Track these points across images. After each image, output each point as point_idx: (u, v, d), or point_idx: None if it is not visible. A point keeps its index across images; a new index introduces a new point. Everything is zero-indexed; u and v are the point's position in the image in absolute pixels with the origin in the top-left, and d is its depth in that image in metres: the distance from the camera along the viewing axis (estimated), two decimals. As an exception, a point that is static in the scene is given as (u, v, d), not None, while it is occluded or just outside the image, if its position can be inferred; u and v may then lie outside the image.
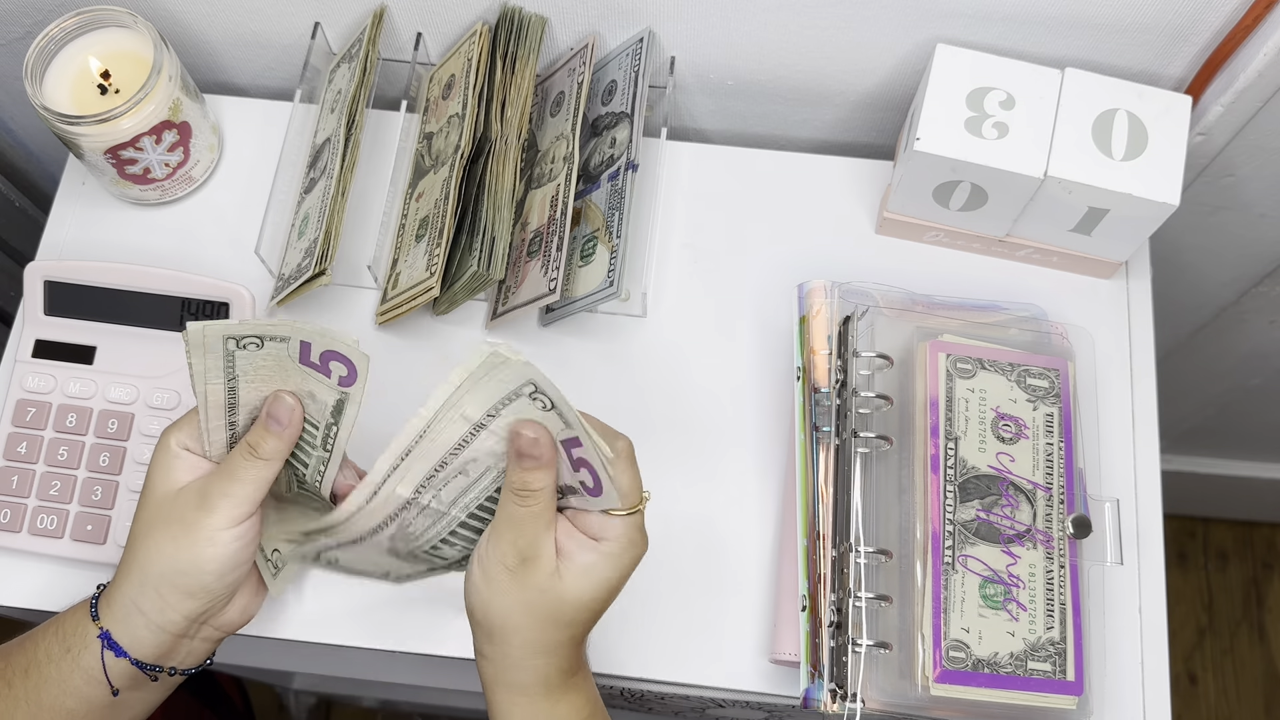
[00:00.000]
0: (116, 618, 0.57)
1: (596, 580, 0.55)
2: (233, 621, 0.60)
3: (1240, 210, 0.84)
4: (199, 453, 0.57)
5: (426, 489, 0.53)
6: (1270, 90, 0.69)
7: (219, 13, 0.77)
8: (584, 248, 0.71)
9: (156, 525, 0.56)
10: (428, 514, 0.55)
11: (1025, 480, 0.64)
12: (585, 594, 0.55)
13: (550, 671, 0.55)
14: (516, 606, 0.55)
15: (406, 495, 0.53)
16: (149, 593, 0.56)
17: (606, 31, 0.75)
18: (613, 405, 0.72)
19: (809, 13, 0.71)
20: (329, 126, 0.73)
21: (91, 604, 0.58)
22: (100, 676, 0.57)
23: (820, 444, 0.66)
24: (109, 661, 0.57)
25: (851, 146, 0.83)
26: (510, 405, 0.50)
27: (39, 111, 0.69)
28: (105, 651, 0.57)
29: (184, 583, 0.56)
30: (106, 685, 0.57)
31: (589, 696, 0.58)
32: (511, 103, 0.73)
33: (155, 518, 0.56)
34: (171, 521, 0.56)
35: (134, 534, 0.57)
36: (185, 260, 0.75)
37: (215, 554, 0.55)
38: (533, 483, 0.54)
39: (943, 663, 0.60)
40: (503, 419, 0.51)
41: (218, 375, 0.53)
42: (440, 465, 0.52)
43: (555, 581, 0.54)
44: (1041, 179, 0.66)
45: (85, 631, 0.57)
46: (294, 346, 0.52)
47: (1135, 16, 0.68)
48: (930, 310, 0.69)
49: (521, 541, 0.54)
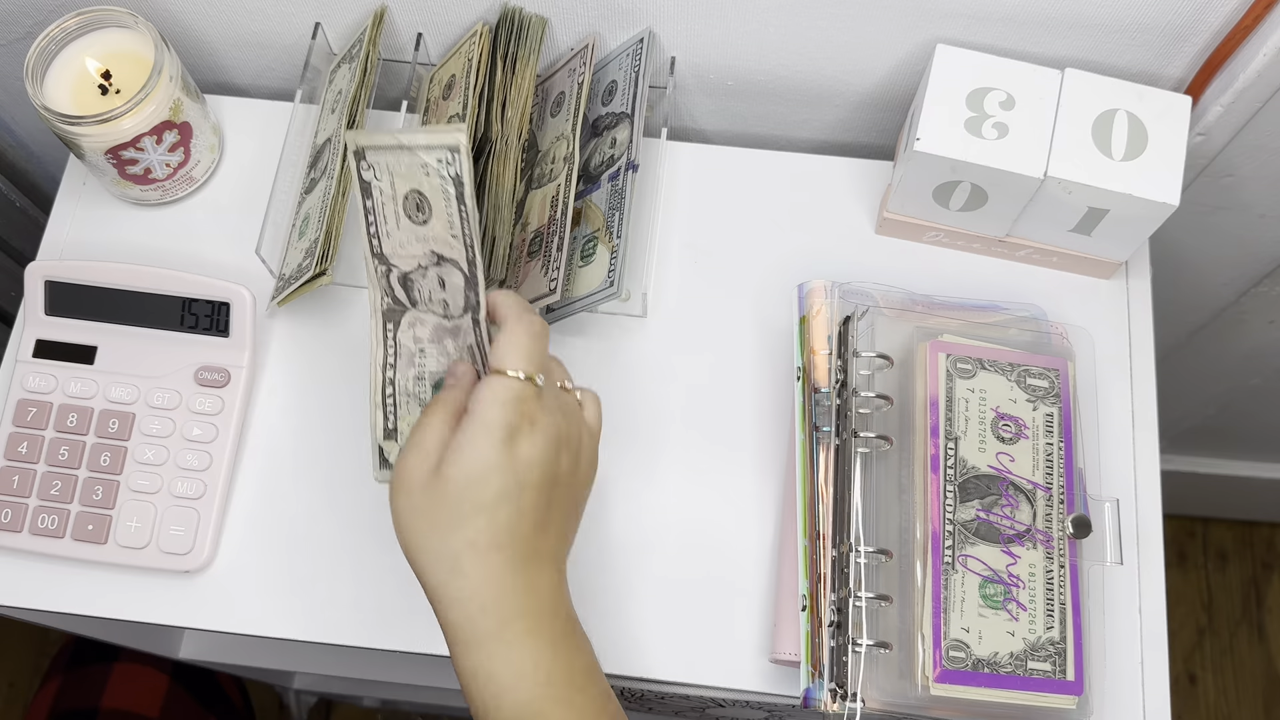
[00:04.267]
0: None
1: (470, 463, 0.51)
2: None
3: (1240, 210, 0.84)
4: None
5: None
6: (1270, 90, 0.69)
7: (219, 13, 0.77)
8: (584, 248, 0.71)
9: None
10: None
11: (1025, 480, 0.64)
12: (460, 482, 0.51)
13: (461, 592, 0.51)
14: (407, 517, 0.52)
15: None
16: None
17: (606, 32, 0.75)
18: (613, 405, 0.72)
19: (809, 13, 0.71)
20: (329, 127, 0.73)
21: None
22: None
23: (820, 444, 0.66)
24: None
25: (851, 146, 0.83)
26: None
27: (40, 112, 0.69)
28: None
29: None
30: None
31: (548, 662, 0.52)
32: (512, 103, 0.73)
33: None
34: None
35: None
36: (186, 260, 0.75)
37: None
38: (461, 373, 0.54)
39: (943, 662, 0.60)
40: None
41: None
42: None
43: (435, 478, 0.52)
44: (1041, 179, 0.66)
45: None
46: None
47: (1135, 16, 0.68)
48: (930, 310, 0.69)
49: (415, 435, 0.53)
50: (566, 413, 0.56)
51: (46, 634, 1.40)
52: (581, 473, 0.57)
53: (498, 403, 0.52)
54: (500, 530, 0.52)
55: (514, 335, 0.54)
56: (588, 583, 0.68)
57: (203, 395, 0.70)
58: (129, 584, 0.69)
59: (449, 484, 0.52)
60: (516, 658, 0.52)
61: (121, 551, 0.68)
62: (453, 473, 0.52)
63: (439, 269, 0.55)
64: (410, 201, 0.53)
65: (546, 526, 0.54)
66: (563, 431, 0.55)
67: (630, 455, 0.71)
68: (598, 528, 0.69)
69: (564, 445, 0.55)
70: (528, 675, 0.52)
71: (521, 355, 0.53)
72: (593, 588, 0.68)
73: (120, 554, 0.68)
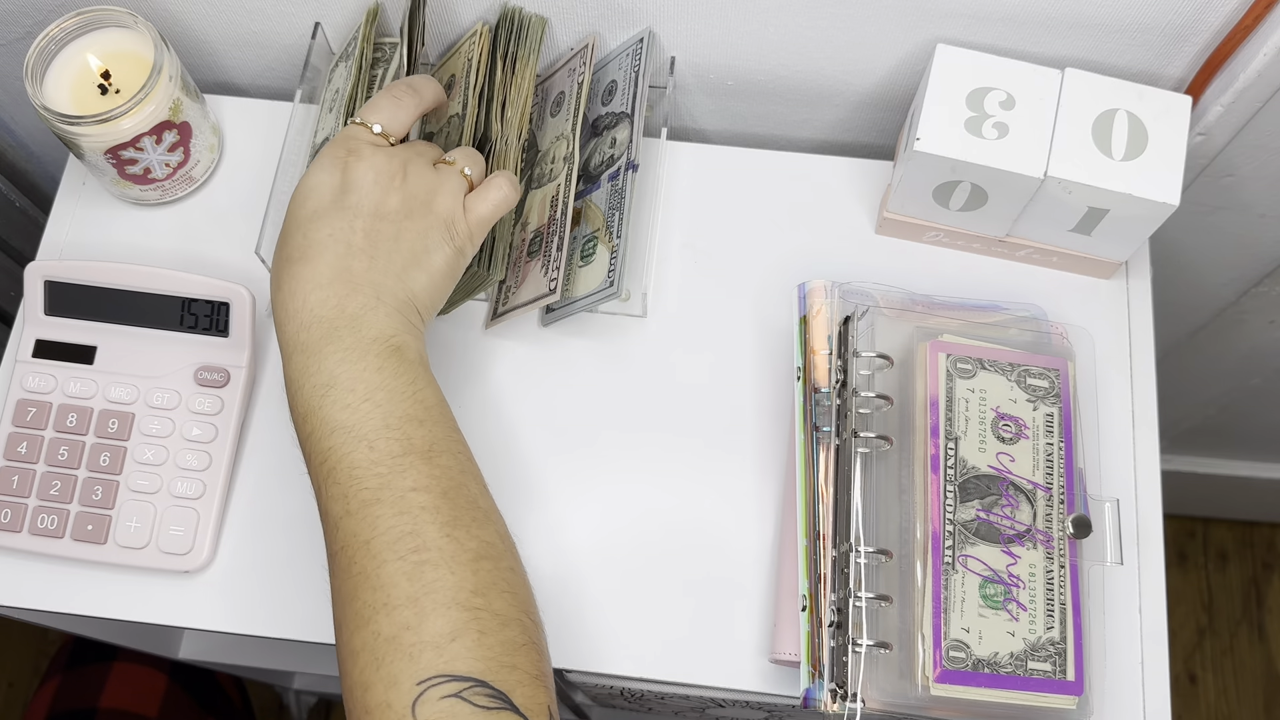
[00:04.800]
0: None
1: (302, 183, 0.58)
2: None
3: (1240, 210, 0.84)
4: None
5: None
6: (1270, 90, 0.69)
7: (219, 13, 0.77)
8: (584, 248, 0.71)
9: None
10: None
11: (1025, 480, 0.64)
12: (291, 205, 0.58)
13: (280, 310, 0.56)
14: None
15: None
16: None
17: (606, 31, 0.75)
18: (613, 405, 0.72)
19: (809, 13, 0.71)
20: (328, 126, 0.73)
21: None
22: None
23: (820, 444, 0.66)
24: None
25: (851, 146, 0.83)
26: None
27: (39, 112, 0.69)
28: None
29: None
30: None
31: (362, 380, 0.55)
32: (512, 103, 0.73)
33: None
34: None
35: None
36: (185, 260, 0.75)
37: None
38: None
39: (943, 663, 0.60)
40: None
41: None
42: None
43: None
44: (1041, 179, 0.66)
45: None
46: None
47: (1135, 16, 0.68)
48: (930, 310, 0.69)
49: None
50: (420, 171, 0.60)
51: (45, 634, 1.40)
52: (420, 221, 0.59)
53: (336, 140, 0.59)
54: (313, 246, 0.56)
55: (379, 96, 0.61)
56: (588, 583, 0.68)
57: (202, 395, 0.70)
58: (128, 584, 0.69)
59: (288, 209, 0.58)
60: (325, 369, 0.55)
61: (121, 551, 0.68)
62: (292, 198, 0.58)
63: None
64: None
65: (374, 259, 0.57)
66: (396, 176, 0.59)
67: (630, 455, 0.71)
68: (598, 527, 0.69)
69: (392, 187, 0.59)
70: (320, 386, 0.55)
71: (375, 110, 0.60)
72: (593, 588, 0.68)
73: (120, 554, 0.68)
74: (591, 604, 0.68)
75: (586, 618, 0.67)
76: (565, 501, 0.70)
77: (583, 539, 0.69)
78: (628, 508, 0.70)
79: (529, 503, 0.69)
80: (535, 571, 0.68)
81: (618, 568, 0.68)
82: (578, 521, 0.69)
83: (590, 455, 0.71)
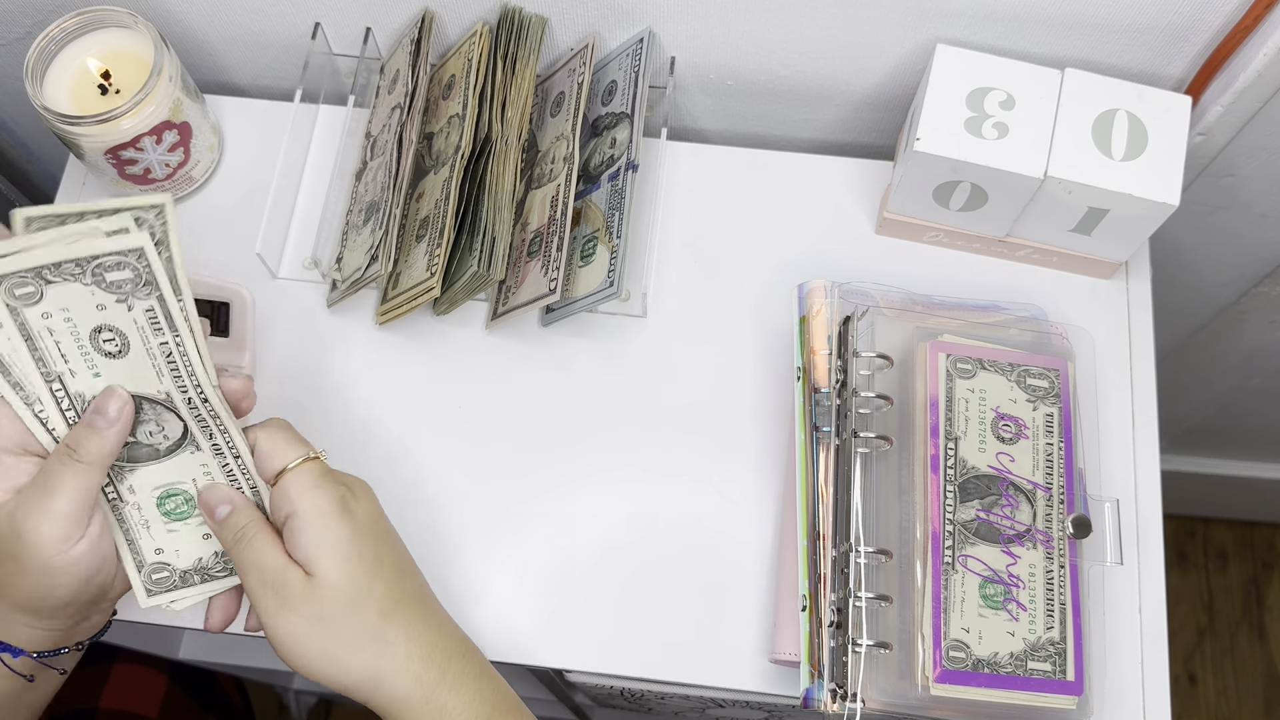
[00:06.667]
0: (1, 630, 0.53)
1: (336, 549, 0.52)
2: (122, 589, 0.57)
3: (1240, 210, 0.84)
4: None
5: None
6: (1270, 90, 0.69)
7: (219, 13, 0.77)
8: (584, 248, 0.71)
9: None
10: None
11: (1025, 480, 0.64)
12: (338, 570, 0.51)
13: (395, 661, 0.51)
14: (309, 631, 0.51)
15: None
16: (20, 614, 0.52)
17: (606, 32, 0.75)
18: (613, 405, 0.72)
19: (809, 13, 0.71)
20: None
21: None
22: (3, 670, 0.53)
23: (820, 444, 0.66)
24: (8, 661, 0.53)
25: (851, 146, 0.83)
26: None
27: (39, 112, 0.69)
28: (1, 655, 0.53)
29: (50, 603, 0.51)
30: (11, 677, 0.54)
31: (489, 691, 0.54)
32: (512, 103, 0.73)
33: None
34: (4, 558, 0.50)
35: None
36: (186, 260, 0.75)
37: (67, 572, 0.50)
38: (236, 523, 0.53)
39: (943, 663, 0.60)
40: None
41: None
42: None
43: (314, 583, 0.51)
44: (1041, 179, 0.66)
45: None
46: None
47: (1135, 16, 0.68)
48: (930, 310, 0.69)
49: (262, 577, 0.52)
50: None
51: (46, 634, 1.39)
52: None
53: (313, 489, 0.53)
54: (394, 587, 0.53)
55: (272, 434, 0.54)
56: (588, 582, 0.68)
57: (202, 395, 0.70)
58: (129, 584, 0.69)
59: (329, 577, 0.52)
60: (464, 697, 0.53)
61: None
62: (325, 563, 0.52)
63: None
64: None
65: (412, 571, 0.56)
66: (360, 483, 0.56)
67: (630, 455, 0.71)
68: (598, 528, 0.69)
69: (371, 494, 0.56)
70: (476, 708, 0.53)
71: (292, 444, 0.54)
72: (593, 587, 0.68)
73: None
74: (592, 604, 0.68)
75: (586, 618, 0.67)
76: (565, 501, 0.70)
77: (583, 539, 0.69)
78: (628, 507, 0.70)
79: (529, 502, 0.70)
80: (535, 571, 0.68)
81: (617, 567, 0.68)
82: (578, 521, 0.69)
83: (590, 455, 0.71)
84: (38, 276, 0.47)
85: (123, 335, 0.50)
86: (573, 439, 0.71)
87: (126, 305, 0.49)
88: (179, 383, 0.52)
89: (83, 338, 0.50)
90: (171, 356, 0.51)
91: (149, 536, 0.57)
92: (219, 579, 0.59)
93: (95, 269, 0.47)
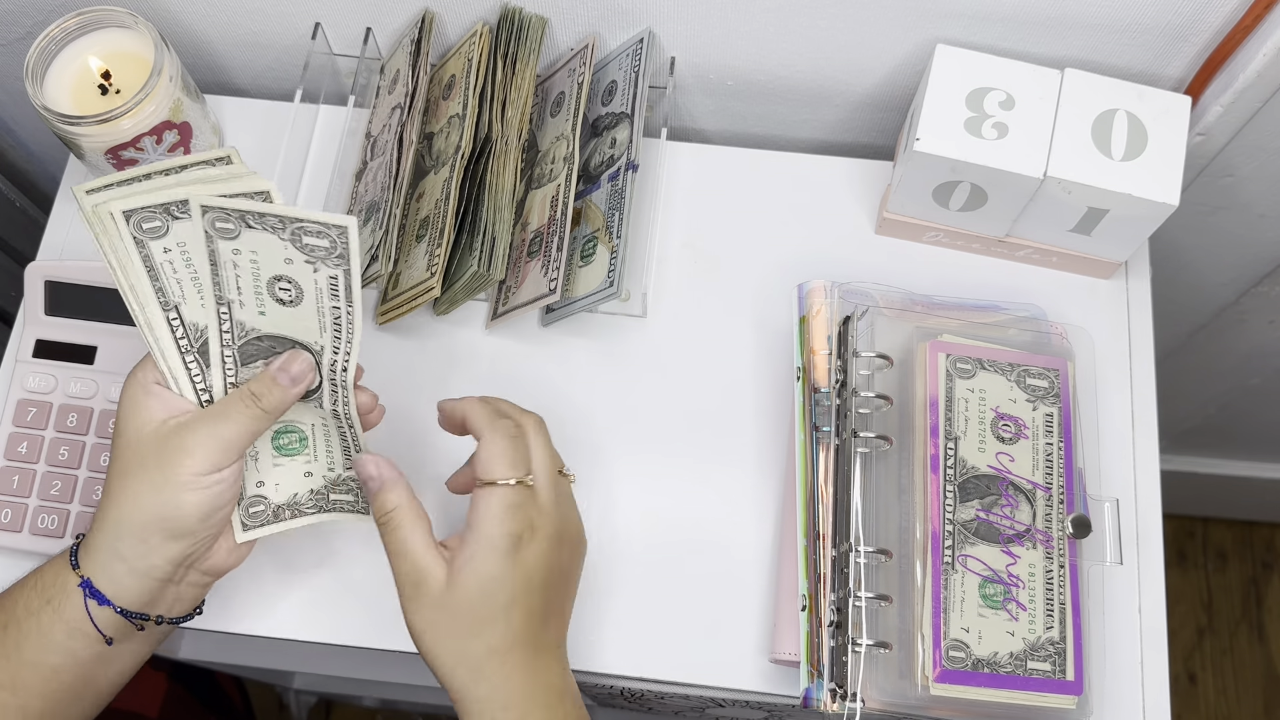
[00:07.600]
0: (98, 565, 0.55)
1: (481, 577, 0.54)
2: (222, 564, 0.58)
3: (1240, 210, 0.84)
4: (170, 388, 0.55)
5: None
6: (1270, 90, 0.69)
7: (219, 13, 0.77)
8: (584, 248, 0.71)
9: (133, 469, 0.54)
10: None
11: (1025, 480, 0.64)
12: (473, 594, 0.54)
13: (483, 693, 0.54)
14: (427, 631, 0.54)
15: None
16: (129, 538, 0.54)
17: (606, 32, 0.75)
18: (613, 405, 0.72)
19: (809, 13, 0.71)
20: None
21: (71, 553, 0.56)
22: (84, 628, 0.55)
23: (820, 444, 0.66)
24: (93, 611, 0.55)
25: (851, 146, 0.83)
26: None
27: (40, 112, 0.69)
28: (88, 600, 0.54)
29: (166, 527, 0.54)
30: (91, 637, 0.55)
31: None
32: (512, 103, 0.73)
33: (131, 461, 0.54)
34: (149, 465, 0.53)
35: (110, 478, 0.55)
36: (186, 260, 0.75)
37: (197, 499, 0.53)
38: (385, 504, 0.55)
39: (942, 662, 0.60)
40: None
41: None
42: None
43: (449, 593, 0.54)
44: (1041, 179, 0.66)
45: (65, 582, 0.55)
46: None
47: (1135, 16, 0.68)
48: (930, 310, 0.69)
49: (404, 565, 0.54)
50: (562, 502, 0.58)
51: (46, 634, 1.39)
52: (578, 556, 0.60)
53: (496, 518, 0.54)
54: (514, 633, 0.54)
55: (493, 443, 0.56)
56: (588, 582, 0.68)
57: (203, 395, 0.70)
58: (129, 584, 0.69)
59: (463, 596, 0.54)
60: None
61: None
62: (466, 582, 0.54)
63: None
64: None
65: (550, 618, 0.57)
66: (559, 527, 0.57)
67: (630, 455, 0.71)
68: (598, 528, 0.69)
69: (563, 540, 0.57)
70: None
71: (506, 462, 0.55)
72: (593, 588, 0.68)
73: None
74: (592, 604, 0.68)
75: (587, 617, 0.67)
76: (565, 501, 0.70)
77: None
78: (627, 507, 0.70)
79: (529, 503, 0.70)
80: (535, 571, 0.68)
81: (618, 567, 0.68)
82: (578, 521, 0.69)
83: (590, 455, 0.71)
84: (240, 219, 0.50)
85: (299, 288, 0.53)
86: (572, 439, 0.71)
87: (313, 267, 0.52)
88: (335, 343, 0.55)
89: (261, 280, 0.53)
90: (339, 321, 0.54)
91: (254, 469, 0.59)
92: (308, 515, 0.62)
93: (295, 229, 0.50)
